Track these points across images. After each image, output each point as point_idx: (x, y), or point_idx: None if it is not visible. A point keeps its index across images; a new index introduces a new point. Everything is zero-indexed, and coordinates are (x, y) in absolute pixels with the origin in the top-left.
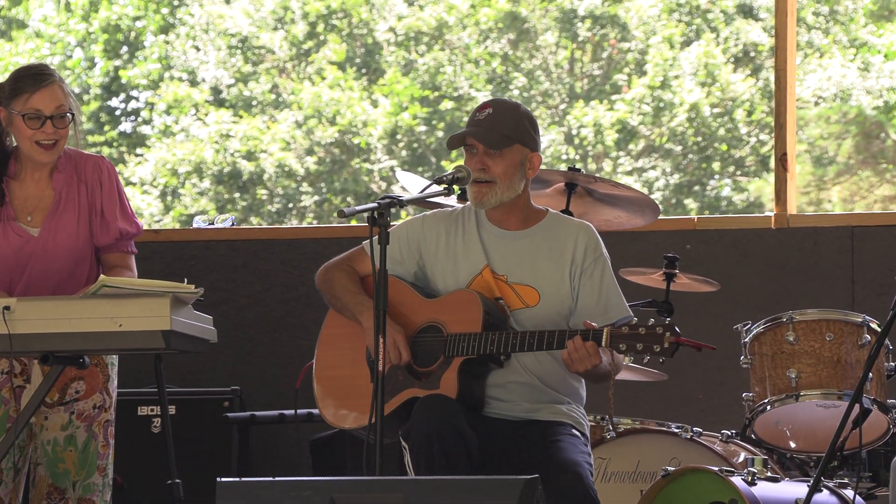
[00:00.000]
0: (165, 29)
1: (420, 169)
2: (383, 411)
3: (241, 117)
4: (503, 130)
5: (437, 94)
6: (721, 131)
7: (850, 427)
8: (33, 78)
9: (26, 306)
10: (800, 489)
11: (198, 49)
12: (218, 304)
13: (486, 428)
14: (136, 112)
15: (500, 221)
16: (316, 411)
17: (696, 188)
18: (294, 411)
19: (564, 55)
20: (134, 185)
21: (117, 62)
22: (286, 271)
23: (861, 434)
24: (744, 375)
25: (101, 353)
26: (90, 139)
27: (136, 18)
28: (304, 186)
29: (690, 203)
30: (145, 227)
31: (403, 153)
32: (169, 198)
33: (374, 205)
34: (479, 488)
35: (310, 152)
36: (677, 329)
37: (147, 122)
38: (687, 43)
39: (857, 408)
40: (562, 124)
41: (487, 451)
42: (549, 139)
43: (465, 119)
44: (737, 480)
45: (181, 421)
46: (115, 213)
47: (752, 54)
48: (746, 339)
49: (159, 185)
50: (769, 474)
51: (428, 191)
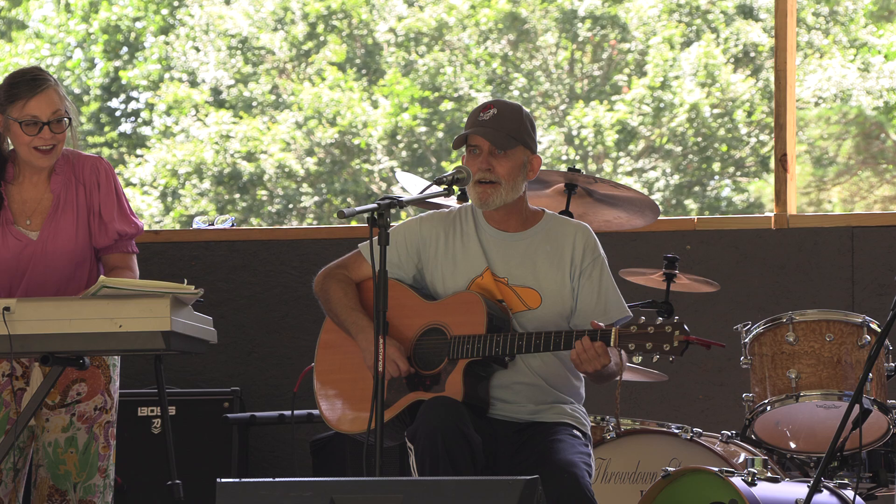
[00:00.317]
0: (165, 30)
1: (420, 170)
2: (383, 412)
3: (241, 118)
4: (509, 131)
5: (437, 94)
6: (721, 132)
7: (850, 427)
8: (28, 84)
9: (26, 307)
10: (800, 490)
11: (198, 50)
12: (218, 304)
13: (490, 431)
14: (136, 113)
15: (500, 223)
16: (315, 412)
17: (696, 189)
18: (292, 412)
19: (564, 56)
20: (134, 186)
21: (117, 63)
22: (286, 272)
23: (861, 434)
24: (744, 376)
25: (101, 354)
26: (90, 140)
27: (136, 19)
28: (304, 187)
29: (690, 204)
30: (145, 228)
31: (403, 154)
32: (169, 199)
33: (374, 205)
34: (479, 489)
35: (310, 153)
36: (686, 327)
37: (147, 122)
38: (687, 43)
39: (857, 408)
40: (562, 125)
41: (492, 454)
42: (549, 140)
43: (465, 119)
44: (737, 481)
45: (181, 422)
46: (113, 215)
47: (752, 55)
48: (746, 340)
49: (159, 185)
50: (769, 475)
51: (428, 191)
